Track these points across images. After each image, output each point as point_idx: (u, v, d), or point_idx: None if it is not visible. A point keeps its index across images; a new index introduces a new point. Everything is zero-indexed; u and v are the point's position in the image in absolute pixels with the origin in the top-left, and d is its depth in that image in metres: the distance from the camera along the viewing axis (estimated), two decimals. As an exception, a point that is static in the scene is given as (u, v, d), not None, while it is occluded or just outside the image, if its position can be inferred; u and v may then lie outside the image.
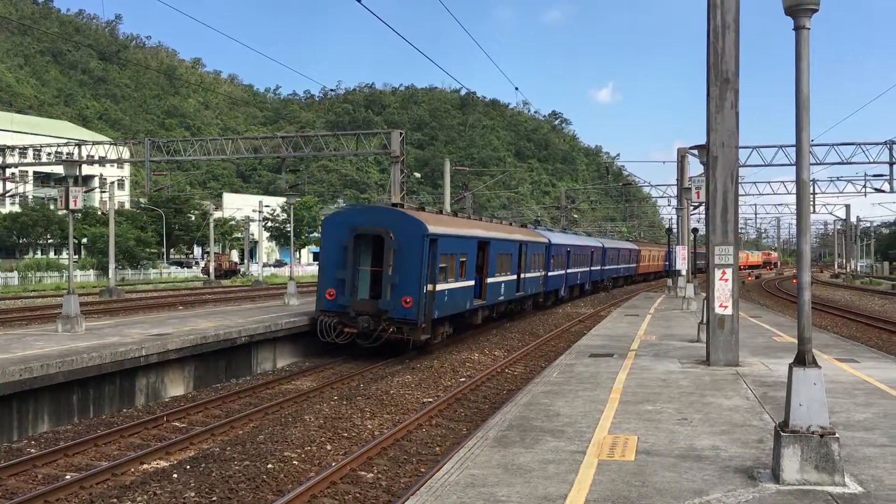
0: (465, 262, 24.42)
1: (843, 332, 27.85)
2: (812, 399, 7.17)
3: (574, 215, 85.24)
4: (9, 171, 49.46)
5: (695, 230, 37.52)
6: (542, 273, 36.06)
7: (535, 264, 34.53)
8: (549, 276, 37.74)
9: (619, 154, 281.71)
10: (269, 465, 10.84)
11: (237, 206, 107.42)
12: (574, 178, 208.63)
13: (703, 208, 24.97)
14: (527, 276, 32.64)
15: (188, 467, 10.83)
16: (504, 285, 29.21)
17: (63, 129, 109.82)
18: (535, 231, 38.94)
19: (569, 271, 42.85)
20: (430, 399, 16.02)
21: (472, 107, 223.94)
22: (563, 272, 41.36)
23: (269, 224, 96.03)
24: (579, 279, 47.19)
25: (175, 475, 10.48)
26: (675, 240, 42.36)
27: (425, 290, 20.74)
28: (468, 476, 7.72)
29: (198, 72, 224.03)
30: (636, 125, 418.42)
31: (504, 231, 30.73)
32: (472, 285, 25.43)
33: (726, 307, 14.84)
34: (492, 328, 29.58)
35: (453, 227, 24.23)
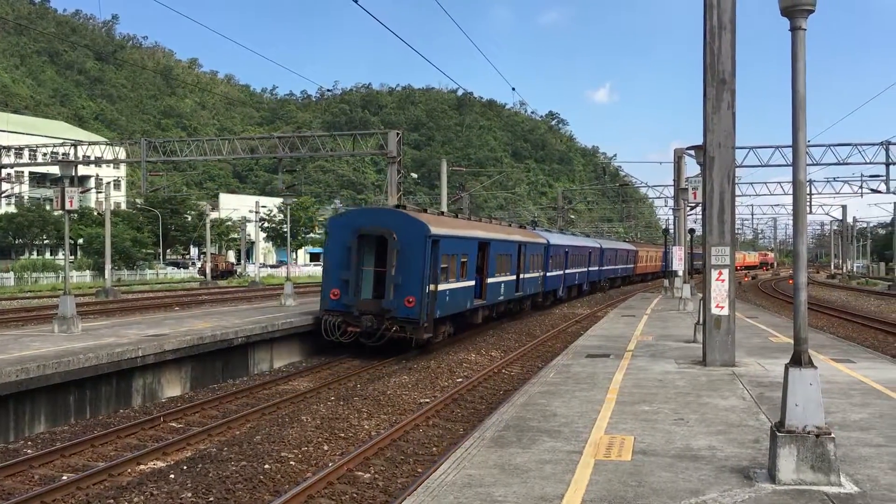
0: (465, 262, 24.63)
1: (839, 333, 27.87)
2: (808, 399, 7.18)
3: (571, 216, 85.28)
4: (5, 171, 49.39)
5: (691, 231, 37.59)
6: (540, 273, 36.14)
7: (534, 265, 34.62)
8: (548, 277, 37.82)
9: (615, 154, 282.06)
10: (266, 466, 10.83)
11: (234, 206, 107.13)
12: (571, 178, 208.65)
13: (699, 209, 25.04)
14: (526, 277, 32.76)
15: (185, 468, 10.82)
16: (504, 285, 29.37)
17: (59, 129, 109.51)
18: (534, 232, 38.99)
19: (567, 272, 42.90)
20: (427, 399, 16.02)
21: (469, 107, 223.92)
22: (562, 273, 41.41)
23: (266, 225, 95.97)
24: (577, 279, 47.25)
25: (172, 476, 10.47)
26: (672, 240, 42.39)
27: (427, 290, 20.96)
28: (465, 476, 7.73)
29: (194, 72, 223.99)
30: (633, 126, 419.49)
31: (504, 232, 30.83)
32: (473, 285, 25.64)
33: (723, 308, 14.87)
34: (489, 329, 29.61)
35: (455, 228, 24.39)
